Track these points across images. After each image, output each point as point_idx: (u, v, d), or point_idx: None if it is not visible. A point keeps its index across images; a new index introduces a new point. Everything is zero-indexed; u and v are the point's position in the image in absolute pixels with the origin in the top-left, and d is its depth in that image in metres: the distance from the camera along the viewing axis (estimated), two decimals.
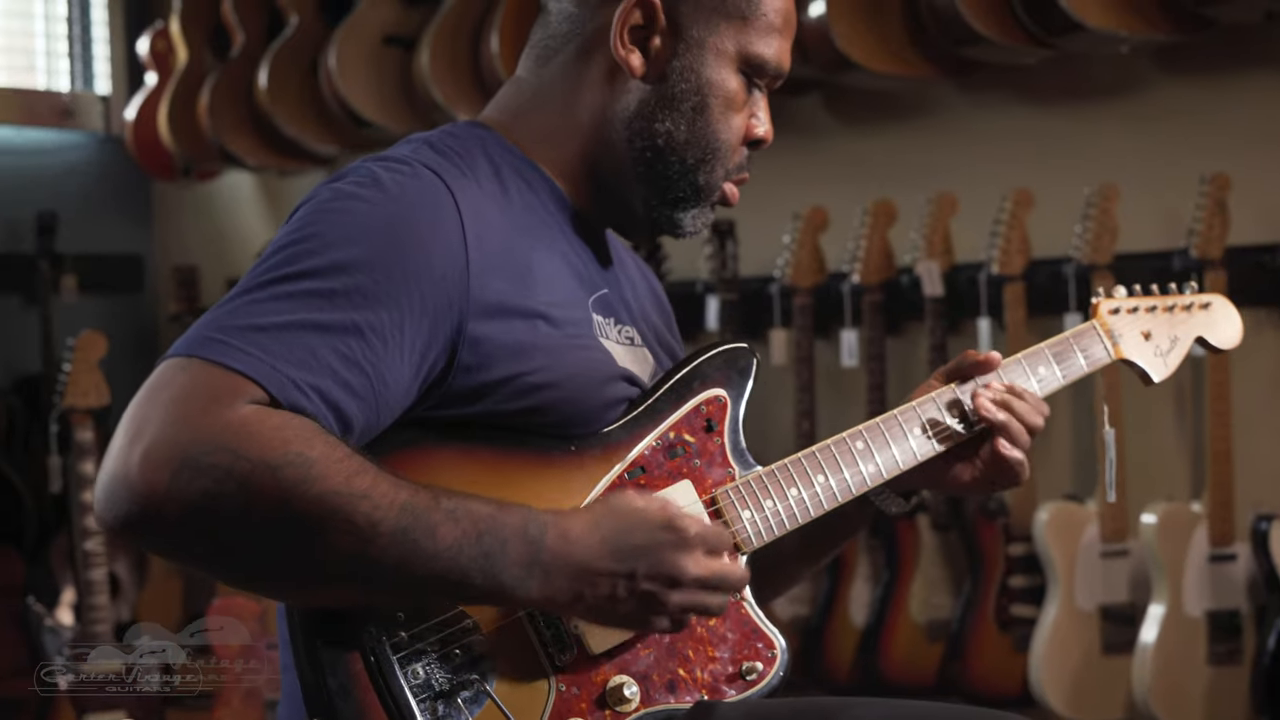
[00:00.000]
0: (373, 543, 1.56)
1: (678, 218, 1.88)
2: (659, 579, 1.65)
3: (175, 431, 1.54)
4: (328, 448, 1.56)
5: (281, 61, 5.09)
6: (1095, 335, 2.06)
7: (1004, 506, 3.93)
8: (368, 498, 1.56)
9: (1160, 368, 2.11)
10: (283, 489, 1.54)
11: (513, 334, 1.71)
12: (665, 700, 1.74)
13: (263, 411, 1.56)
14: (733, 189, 1.91)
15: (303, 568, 1.58)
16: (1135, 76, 3.97)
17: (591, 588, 1.64)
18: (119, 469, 1.54)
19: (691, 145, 1.84)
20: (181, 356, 1.58)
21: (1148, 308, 2.11)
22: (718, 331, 4.36)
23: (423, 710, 1.64)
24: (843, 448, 1.88)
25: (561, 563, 1.62)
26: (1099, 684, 3.78)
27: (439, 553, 1.58)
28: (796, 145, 4.53)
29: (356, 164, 1.76)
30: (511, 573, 1.61)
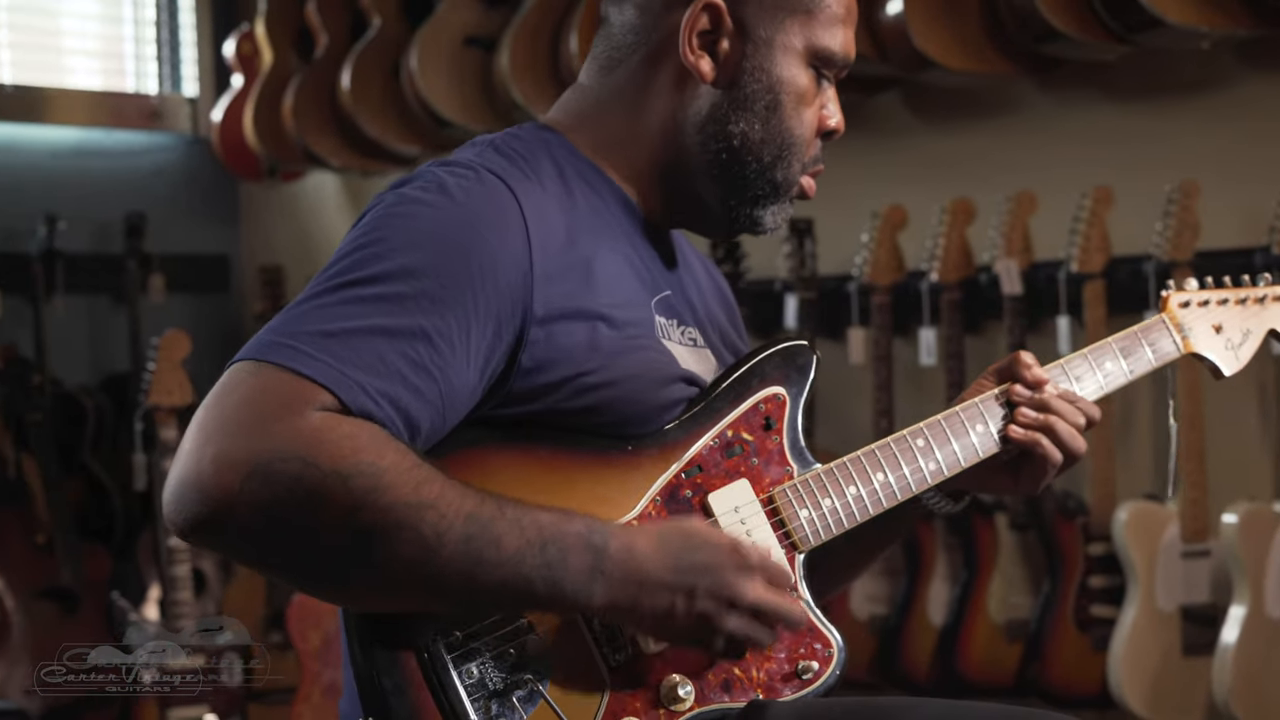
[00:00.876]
0: (438, 552, 1.58)
1: (758, 215, 1.88)
2: (718, 598, 1.66)
3: (247, 437, 1.56)
4: (398, 456, 1.58)
5: (364, 63, 5.13)
6: (1164, 329, 2.03)
7: (1083, 506, 3.90)
8: (434, 507, 1.58)
9: (1232, 361, 2.09)
10: (353, 498, 1.56)
11: (573, 336, 1.72)
12: (720, 699, 1.74)
13: (334, 419, 1.58)
14: (810, 182, 1.91)
15: (369, 575, 1.60)
16: (1217, 72, 3.93)
17: (651, 599, 1.65)
18: (190, 472, 1.56)
19: (767, 144, 1.84)
20: (251, 361, 1.60)
21: (1219, 300, 2.08)
22: (796, 330, 4.35)
23: (477, 709, 1.66)
24: (903, 445, 1.88)
25: (623, 572, 1.64)
26: (1179, 686, 3.74)
27: (503, 561, 1.60)
28: (876, 144, 4.51)
29: (422, 169, 1.78)
30: (574, 581, 1.62)
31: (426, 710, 1.65)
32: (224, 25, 5.78)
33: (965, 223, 4.15)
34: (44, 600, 4.71)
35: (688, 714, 1.72)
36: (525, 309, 1.69)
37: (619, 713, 1.70)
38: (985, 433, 1.92)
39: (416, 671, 1.65)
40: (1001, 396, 1.93)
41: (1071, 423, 1.91)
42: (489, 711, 1.66)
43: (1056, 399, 1.91)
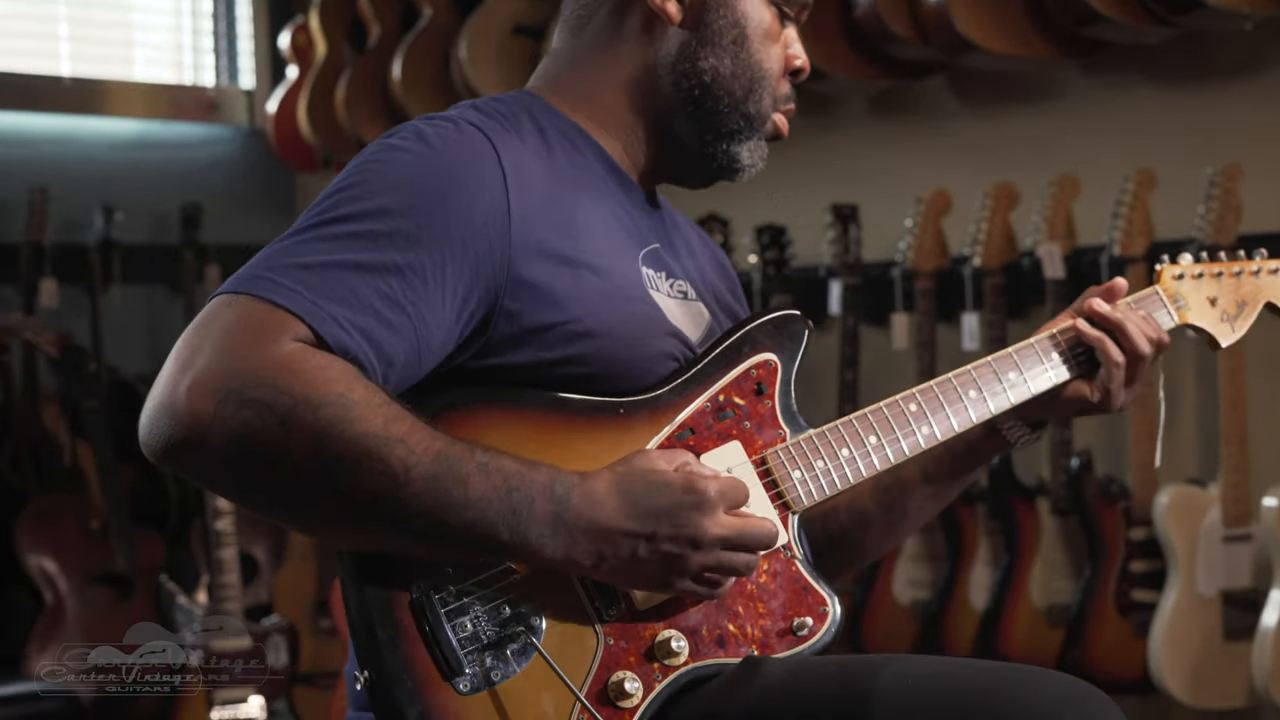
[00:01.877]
0: (405, 487, 1.61)
1: (734, 152, 1.92)
2: (680, 541, 1.68)
3: (222, 364, 1.59)
4: (368, 392, 1.61)
5: (415, 53, 5.17)
6: (1158, 300, 2.07)
7: (1125, 490, 3.88)
8: (403, 443, 1.61)
9: (1227, 332, 2.12)
10: (321, 427, 1.59)
11: (556, 281, 1.75)
12: (714, 654, 1.76)
13: (307, 350, 1.62)
14: (782, 120, 1.96)
15: (335, 506, 1.63)
16: (1260, 54, 3.90)
17: (613, 549, 1.67)
18: (165, 397, 1.60)
19: (738, 77, 1.89)
20: (230, 293, 1.65)
21: (1214, 273, 2.12)
22: (840, 316, 4.35)
23: (470, 662, 1.68)
24: (895, 410, 1.91)
25: (584, 523, 1.66)
26: (1220, 671, 3.72)
27: (469, 503, 1.62)
28: (920, 129, 4.51)
29: (405, 123, 1.81)
30: (537, 530, 1.65)
31: (420, 662, 1.67)
32: (280, 17, 5.84)
33: (1008, 207, 4.14)
34: (98, 585, 4.76)
35: (682, 669, 1.74)
36: (504, 251, 1.72)
37: (612, 667, 1.72)
38: (979, 399, 1.94)
39: (410, 624, 1.68)
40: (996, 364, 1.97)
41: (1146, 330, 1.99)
42: (483, 664, 1.68)
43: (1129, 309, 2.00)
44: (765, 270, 4.44)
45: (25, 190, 5.17)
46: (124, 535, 4.75)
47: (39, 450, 4.98)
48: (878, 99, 4.59)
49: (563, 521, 1.65)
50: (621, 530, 1.67)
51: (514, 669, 1.69)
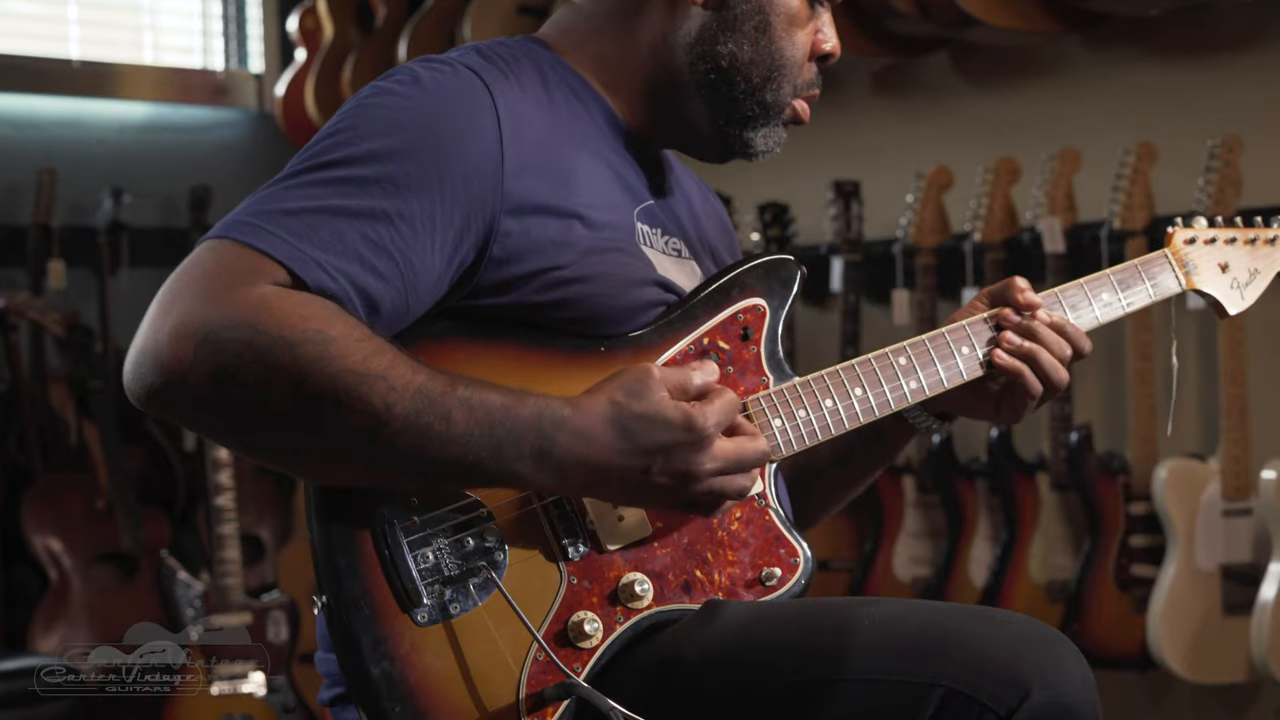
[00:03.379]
0: (387, 424, 1.59)
1: (748, 137, 1.88)
2: (674, 475, 1.66)
3: (201, 307, 1.58)
4: (347, 328, 1.60)
5: (421, 33, 5.16)
6: (1166, 264, 2.00)
7: (1125, 465, 3.86)
8: (384, 379, 1.59)
9: (1236, 300, 2.06)
10: (300, 365, 1.57)
11: (546, 231, 1.73)
12: (680, 600, 1.74)
13: (285, 291, 1.60)
14: (803, 106, 1.91)
15: (316, 444, 1.61)
16: (1261, 27, 3.88)
17: (602, 480, 1.66)
18: (147, 342, 1.59)
19: (756, 64, 1.84)
20: (214, 239, 1.64)
21: (1227, 239, 2.05)
22: (841, 293, 4.34)
23: (430, 594, 1.66)
24: (884, 362, 1.86)
25: (574, 459, 1.64)
26: (1220, 645, 3.70)
27: (452, 438, 1.60)
28: (922, 105, 4.51)
29: (402, 65, 1.79)
30: (524, 464, 1.63)
31: (379, 591, 1.66)
32: (288, 1, 5.83)
33: (1009, 182, 4.12)
34: (103, 564, 4.78)
35: (645, 612, 1.72)
36: (496, 199, 1.70)
37: (574, 606, 1.70)
38: (970, 355, 1.90)
39: (372, 553, 1.66)
40: (991, 320, 1.91)
41: (1057, 353, 1.89)
42: (442, 597, 1.67)
43: (1044, 328, 1.89)
44: (768, 248, 4.44)
45: (34, 172, 5.17)
46: (129, 514, 4.76)
47: (45, 430, 4.98)
48: (881, 76, 4.58)
49: (550, 456, 1.63)
50: (614, 466, 1.64)
51: (473, 603, 1.68)
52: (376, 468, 1.63)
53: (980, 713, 1.56)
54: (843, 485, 2.07)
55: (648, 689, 1.68)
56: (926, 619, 1.65)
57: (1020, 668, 1.57)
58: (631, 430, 1.65)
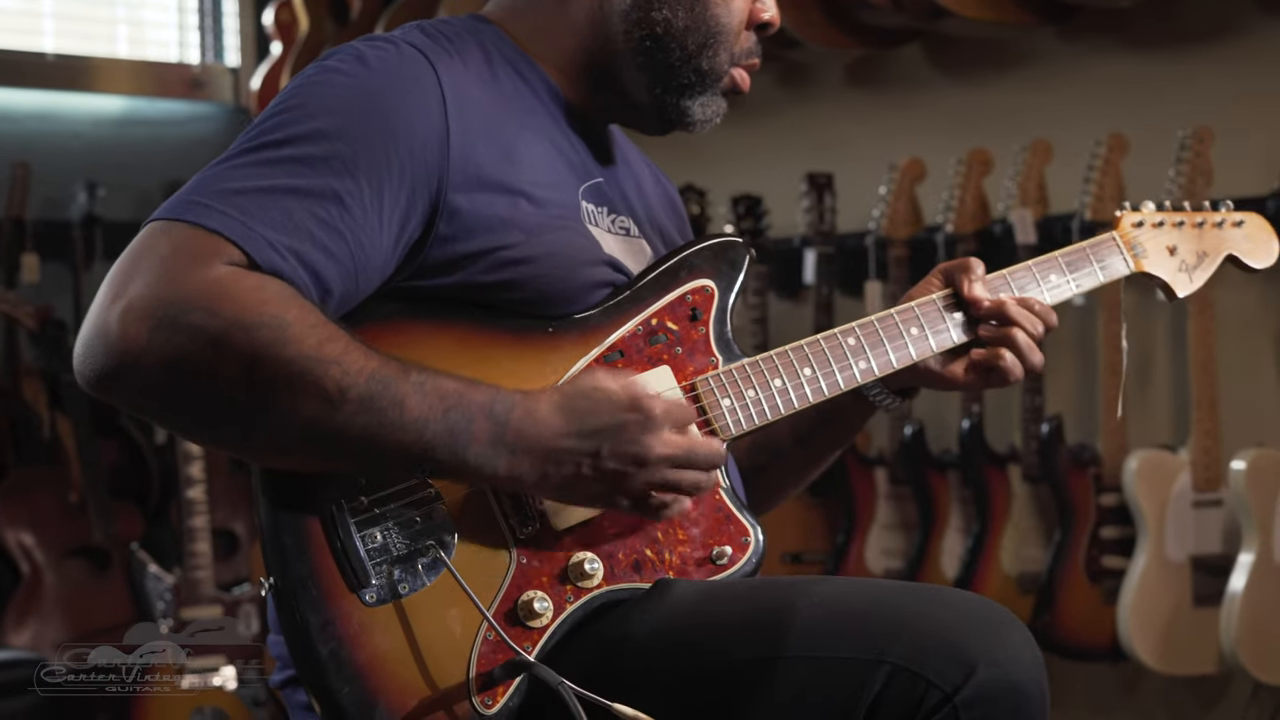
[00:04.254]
0: (340, 408, 1.58)
1: (685, 105, 1.88)
2: (624, 458, 1.66)
3: (154, 290, 1.57)
4: (303, 313, 1.59)
5: (396, 25, 5.13)
6: (1114, 246, 2.02)
7: (1096, 457, 3.86)
8: (338, 363, 1.59)
9: (1185, 283, 2.07)
10: (255, 349, 1.57)
11: (492, 208, 1.73)
12: (630, 579, 1.74)
13: (240, 273, 1.59)
14: (742, 75, 1.91)
15: (270, 428, 1.61)
16: (1231, 18, 3.88)
17: (556, 466, 1.65)
18: (98, 324, 1.58)
19: (691, 31, 1.84)
20: (163, 220, 1.63)
21: (1175, 222, 2.07)
22: (814, 286, 4.33)
23: (378, 574, 1.66)
24: (833, 343, 1.86)
25: (526, 442, 1.63)
26: (1190, 637, 3.70)
27: (405, 424, 1.60)
28: (896, 98, 4.50)
29: (345, 44, 1.79)
30: (476, 450, 1.62)
31: (326, 571, 1.65)
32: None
33: (982, 174, 4.12)
34: (76, 559, 4.76)
35: (595, 592, 1.72)
36: (441, 176, 1.70)
37: (524, 585, 1.70)
38: (920, 336, 1.90)
39: (319, 533, 1.66)
40: (942, 301, 1.92)
41: (1031, 332, 1.90)
42: (391, 577, 1.66)
43: (1016, 307, 1.90)
44: None
45: (8, 166, 5.16)
46: (102, 509, 4.74)
47: (17, 424, 4.97)
48: (854, 68, 4.58)
49: (503, 441, 1.63)
50: (564, 449, 1.64)
51: (422, 583, 1.67)
52: (329, 452, 1.62)
53: (926, 690, 1.56)
54: (803, 465, 2.07)
55: (598, 667, 1.68)
56: (874, 597, 1.64)
57: (966, 645, 1.57)
58: (579, 410, 1.65)
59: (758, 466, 2.01)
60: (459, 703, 1.66)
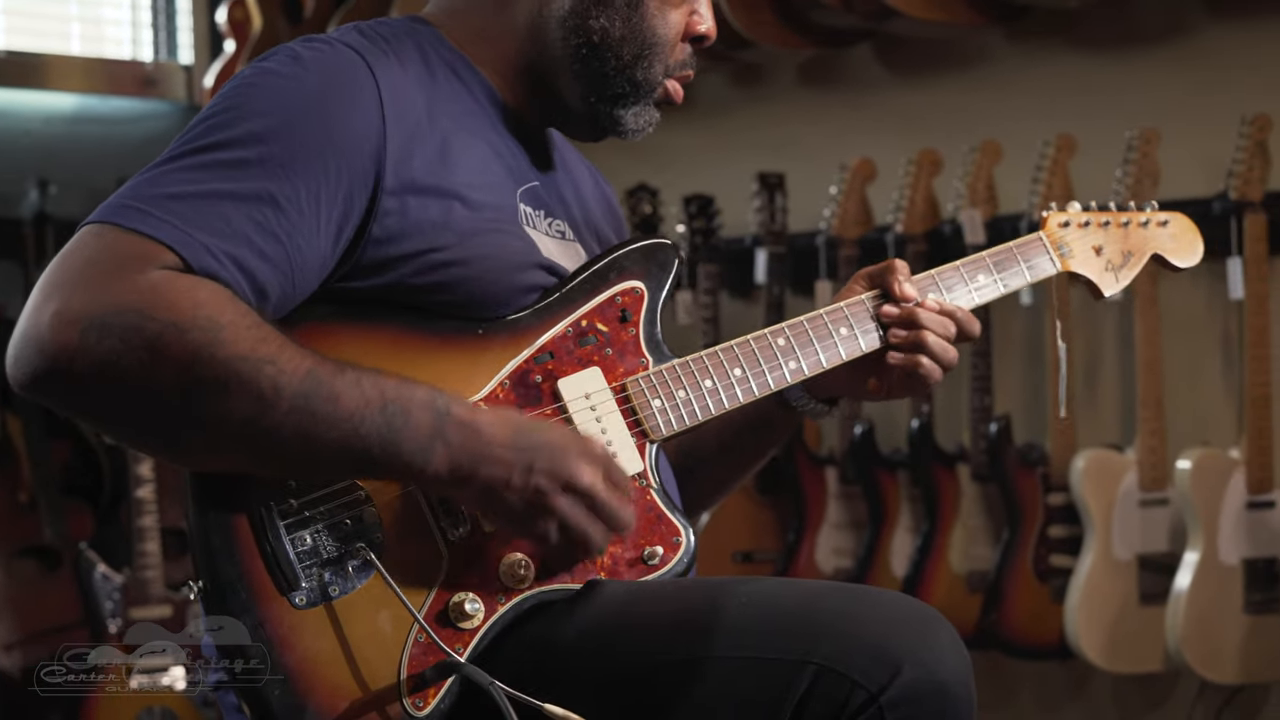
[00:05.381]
0: (275, 407, 1.58)
1: (618, 114, 1.88)
2: (554, 477, 1.65)
3: (87, 293, 1.57)
4: (237, 314, 1.59)
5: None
6: (1041, 246, 2.04)
7: (1044, 456, 3.87)
8: (272, 363, 1.58)
9: (1111, 282, 2.10)
10: (189, 351, 1.56)
11: (426, 211, 1.73)
12: (561, 580, 1.74)
13: (174, 275, 1.59)
14: (676, 87, 1.92)
15: (206, 430, 1.60)
16: (1181, 21, 3.90)
17: (489, 469, 1.64)
18: (30, 328, 1.57)
19: (627, 41, 1.85)
20: (97, 223, 1.62)
21: (1100, 222, 2.09)
22: (766, 285, 4.34)
23: (308, 576, 1.66)
24: (763, 343, 1.87)
25: (463, 438, 1.63)
26: (1136, 635, 3.71)
27: (341, 419, 1.60)
28: (847, 98, 4.51)
29: (282, 45, 1.78)
30: (413, 443, 1.62)
31: (255, 574, 1.65)
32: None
33: (932, 174, 4.13)
34: (26, 558, 4.74)
35: (526, 593, 1.72)
36: (377, 178, 1.70)
37: (455, 588, 1.70)
38: (849, 337, 1.91)
39: (249, 535, 1.66)
40: (871, 302, 1.93)
41: (942, 334, 1.91)
42: (321, 579, 1.66)
43: (925, 312, 1.91)
44: (693, 240, 4.43)
45: None
46: (52, 508, 4.72)
47: None
48: (805, 68, 4.59)
49: (441, 435, 1.62)
50: (499, 454, 1.64)
51: (353, 585, 1.67)
52: (265, 454, 1.62)
53: (851, 689, 1.57)
54: (727, 472, 2.08)
55: (529, 668, 1.68)
56: (801, 598, 1.65)
57: (891, 645, 1.58)
58: (524, 426, 1.67)
59: (685, 472, 2.01)
60: (390, 704, 1.66)
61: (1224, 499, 3.58)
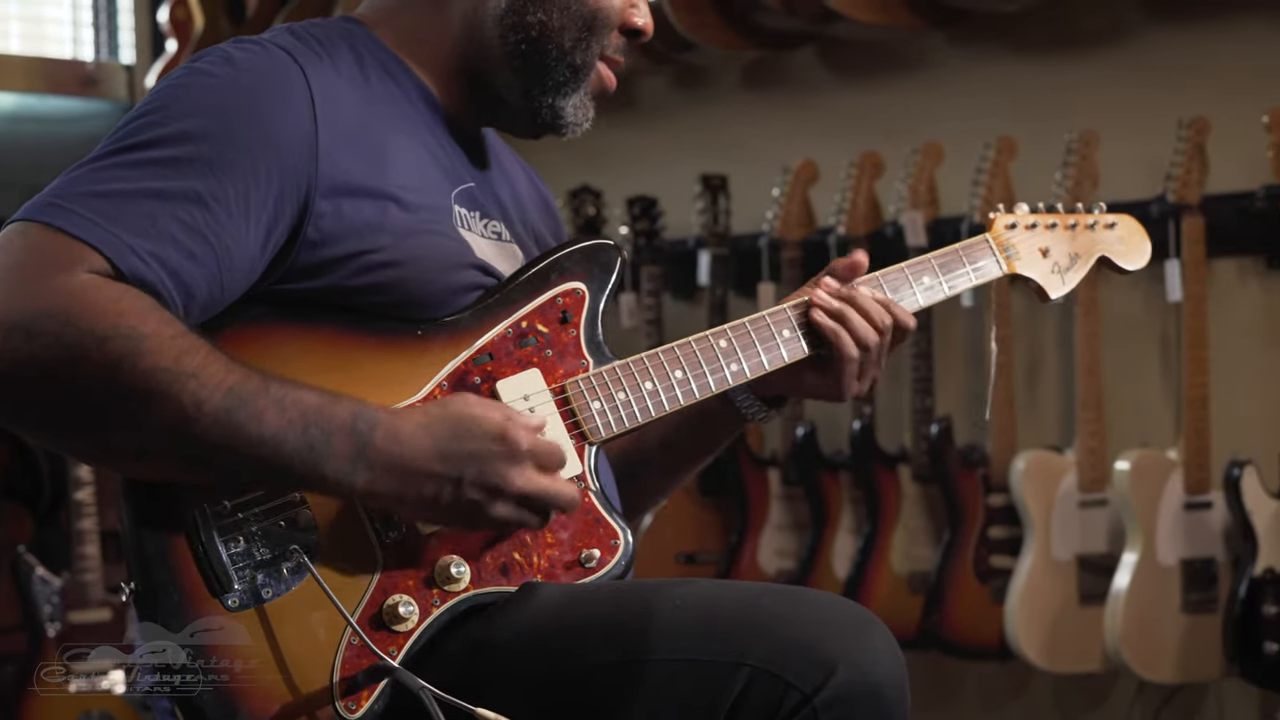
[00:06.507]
0: (196, 422, 1.57)
1: (558, 105, 1.87)
2: (484, 488, 1.65)
3: (9, 296, 1.56)
4: (161, 324, 1.57)
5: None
6: (987, 248, 2.04)
7: (984, 457, 3.89)
8: (195, 377, 1.57)
9: (1058, 284, 2.09)
10: (110, 360, 1.55)
11: (360, 213, 1.72)
12: (497, 583, 1.73)
13: (101, 281, 1.58)
14: (608, 73, 1.91)
15: (126, 440, 1.59)
16: (1119, 23, 3.93)
17: (415, 488, 1.64)
18: None
19: (567, 28, 1.84)
20: (22, 222, 1.61)
21: (1047, 224, 2.09)
22: (709, 287, 4.34)
23: (241, 579, 1.65)
24: (704, 345, 1.87)
25: (387, 460, 1.63)
26: (1076, 635, 3.73)
27: (263, 439, 1.59)
28: (791, 100, 4.52)
29: (214, 46, 1.77)
30: (334, 465, 1.61)
31: (188, 576, 1.64)
32: None
33: (874, 176, 4.14)
34: None
35: (461, 595, 1.71)
36: (309, 180, 1.69)
37: (390, 590, 1.69)
38: (792, 338, 1.91)
39: (181, 538, 1.65)
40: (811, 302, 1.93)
41: (875, 320, 1.90)
42: (254, 581, 1.65)
43: (862, 294, 1.91)
44: (636, 241, 4.44)
45: None
46: None
47: None
48: (749, 70, 4.59)
49: (364, 457, 1.62)
50: (425, 471, 1.64)
51: (286, 587, 1.66)
52: (187, 466, 1.61)
53: (785, 691, 1.57)
54: (670, 473, 2.09)
55: (464, 671, 1.68)
56: (736, 599, 1.65)
57: (826, 647, 1.58)
58: (446, 434, 1.65)
59: (627, 474, 2.01)
60: (322, 707, 1.66)
61: (1162, 500, 3.60)
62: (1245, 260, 3.76)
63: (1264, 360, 3.73)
